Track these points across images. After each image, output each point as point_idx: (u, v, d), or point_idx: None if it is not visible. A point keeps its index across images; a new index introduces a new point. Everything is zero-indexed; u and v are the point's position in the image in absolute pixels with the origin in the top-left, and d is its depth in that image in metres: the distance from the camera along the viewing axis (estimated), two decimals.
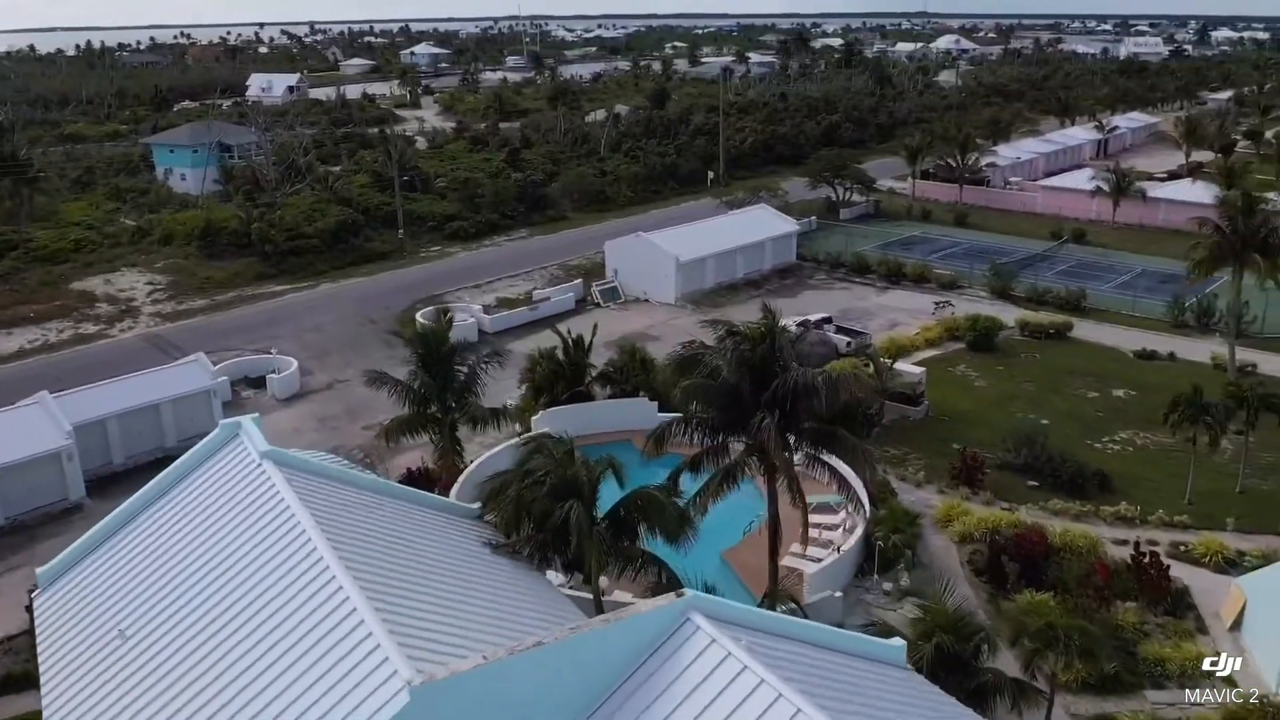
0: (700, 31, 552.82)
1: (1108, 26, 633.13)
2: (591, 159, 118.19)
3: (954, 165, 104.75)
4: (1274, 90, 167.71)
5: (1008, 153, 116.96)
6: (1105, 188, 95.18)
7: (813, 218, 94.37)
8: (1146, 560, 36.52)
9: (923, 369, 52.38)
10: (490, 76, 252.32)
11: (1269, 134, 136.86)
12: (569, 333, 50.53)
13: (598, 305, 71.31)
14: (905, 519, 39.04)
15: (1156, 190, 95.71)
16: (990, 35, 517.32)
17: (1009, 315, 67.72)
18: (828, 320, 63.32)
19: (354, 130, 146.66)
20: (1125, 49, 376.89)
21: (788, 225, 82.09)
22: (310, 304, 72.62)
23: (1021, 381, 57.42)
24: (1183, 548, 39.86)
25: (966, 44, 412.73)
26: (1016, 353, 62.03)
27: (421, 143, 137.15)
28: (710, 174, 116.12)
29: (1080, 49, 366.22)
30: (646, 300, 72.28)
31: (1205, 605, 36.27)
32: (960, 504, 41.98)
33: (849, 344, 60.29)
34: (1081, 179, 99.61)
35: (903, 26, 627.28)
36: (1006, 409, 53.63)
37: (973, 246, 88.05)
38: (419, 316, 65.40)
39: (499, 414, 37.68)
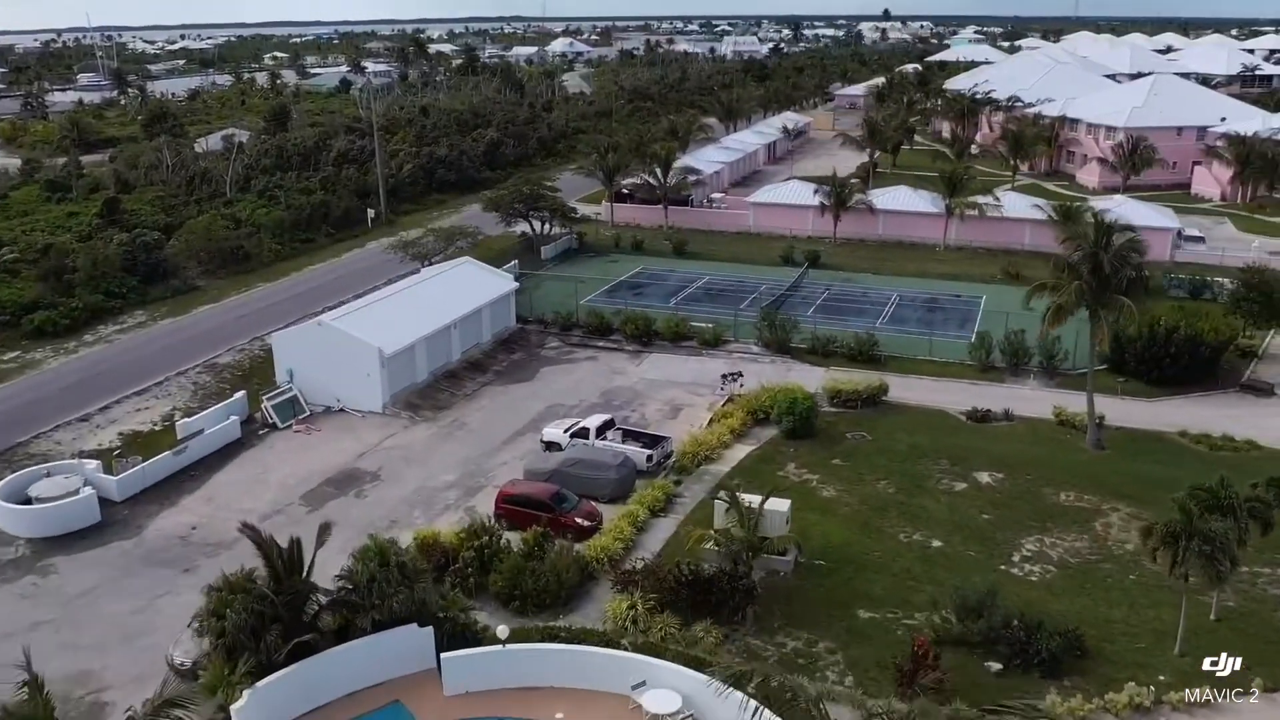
0: (298, 40, 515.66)
1: (695, 27, 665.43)
2: (216, 203, 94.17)
3: (656, 184, 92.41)
4: (903, 85, 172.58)
5: (695, 165, 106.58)
6: (826, 201, 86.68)
7: (514, 261, 78.16)
8: None
9: (787, 502, 37.97)
10: (61, 98, 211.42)
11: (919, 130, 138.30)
12: (272, 540, 30.90)
13: (275, 428, 50.87)
14: None
15: (876, 200, 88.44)
16: (594, 37, 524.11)
17: (802, 377, 55.61)
18: (610, 424, 47.48)
19: None
20: (726, 48, 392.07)
21: (503, 282, 65.26)
22: None
23: (874, 480, 44.80)
24: None
25: (581, 46, 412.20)
26: (841, 435, 49.52)
27: None
28: (371, 212, 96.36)
29: (689, 49, 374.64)
30: (342, 410, 52.75)
31: None
32: None
33: (650, 458, 44.90)
34: (802, 192, 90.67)
35: (505, 30, 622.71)
36: (883, 531, 40.64)
37: (710, 283, 75.84)
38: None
39: None
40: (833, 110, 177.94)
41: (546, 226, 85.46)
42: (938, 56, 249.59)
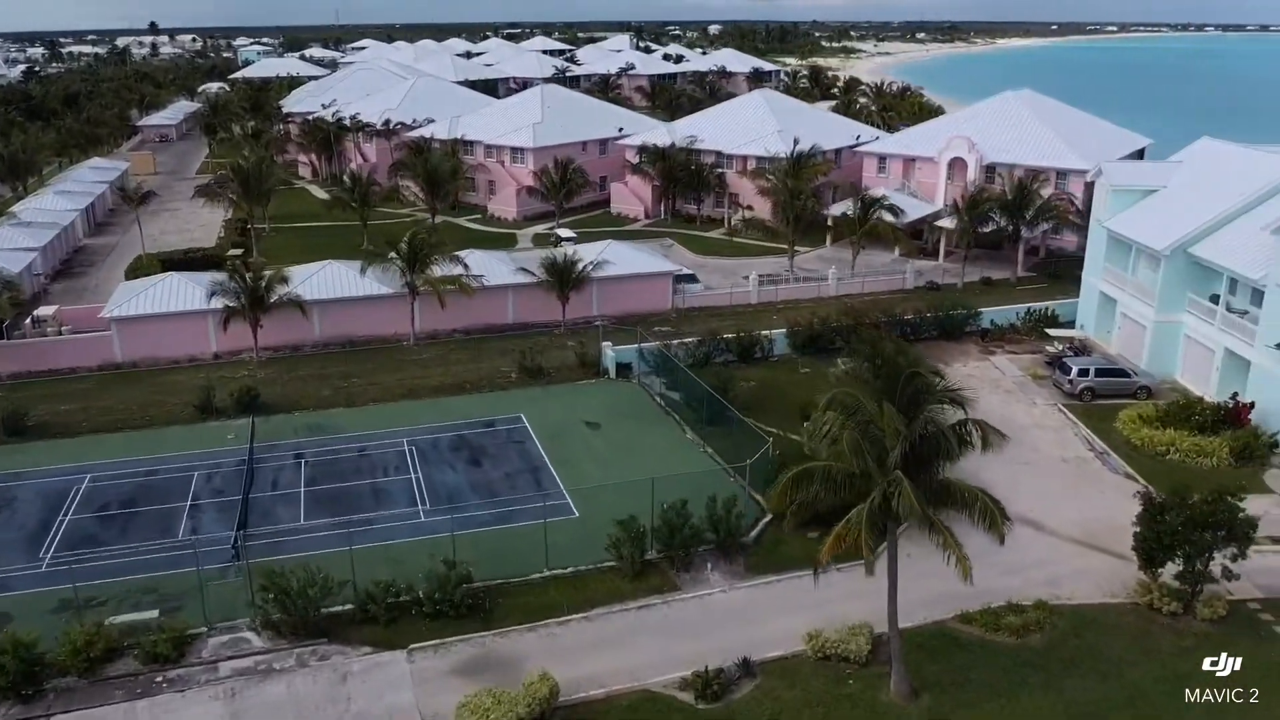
0: None
1: None
2: None
3: None
4: (229, 109, 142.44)
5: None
6: (234, 302, 59.00)
7: None
8: None
9: None
10: None
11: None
12: None
13: None
14: None
15: (302, 287, 62.50)
16: None
17: (376, 693, 30.83)
18: None
19: None
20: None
21: None
22: None
23: None
24: None
25: None
26: None
27: None
28: None
29: None
30: None
31: None
32: None
33: None
34: (187, 293, 61.00)
35: None
36: None
37: (99, 489, 44.78)
38: None
39: None
40: (150, 150, 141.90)
41: None
42: (250, 72, 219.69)
